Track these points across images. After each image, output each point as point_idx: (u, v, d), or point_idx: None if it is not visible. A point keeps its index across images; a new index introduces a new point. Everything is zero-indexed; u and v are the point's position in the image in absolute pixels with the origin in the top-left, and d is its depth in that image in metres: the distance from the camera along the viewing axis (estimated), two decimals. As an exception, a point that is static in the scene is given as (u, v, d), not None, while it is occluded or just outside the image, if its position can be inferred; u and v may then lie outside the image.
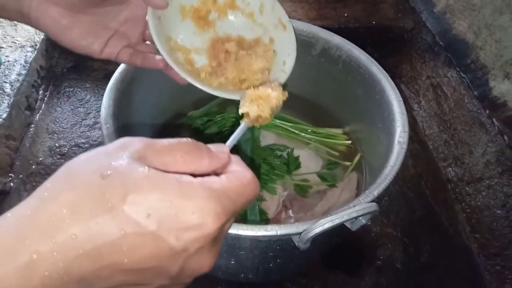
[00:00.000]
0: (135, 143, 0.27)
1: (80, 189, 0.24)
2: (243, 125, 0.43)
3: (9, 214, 0.24)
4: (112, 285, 0.26)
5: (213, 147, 0.30)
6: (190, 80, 0.49)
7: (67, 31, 0.46)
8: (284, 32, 0.58)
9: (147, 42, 0.54)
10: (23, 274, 0.23)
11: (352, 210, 0.43)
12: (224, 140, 0.39)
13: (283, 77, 0.55)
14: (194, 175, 0.27)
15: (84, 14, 0.47)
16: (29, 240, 0.23)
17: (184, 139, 0.28)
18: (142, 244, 0.24)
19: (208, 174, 0.29)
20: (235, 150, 0.65)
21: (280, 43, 0.58)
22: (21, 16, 0.45)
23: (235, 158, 0.31)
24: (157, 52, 0.49)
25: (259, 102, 0.45)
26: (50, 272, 0.23)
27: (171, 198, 0.25)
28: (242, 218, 0.61)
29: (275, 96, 0.46)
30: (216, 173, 0.29)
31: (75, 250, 0.23)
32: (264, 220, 0.62)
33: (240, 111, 0.45)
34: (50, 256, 0.23)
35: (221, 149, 0.31)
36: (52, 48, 0.93)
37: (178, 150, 0.28)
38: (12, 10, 0.45)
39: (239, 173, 0.29)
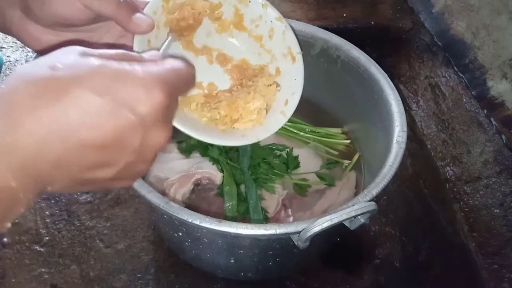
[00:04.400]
0: (75, 47, 0.30)
1: (35, 81, 0.27)
2: (170, 37, 0.44)
3: None
4: (83, 166, 0.29)
5: (145, 54, 0.34)
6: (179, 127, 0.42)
7: (50, 48, 0.42)
8: (292, 64, 0.52)
9: None
10: (4, 156, 0.26)
11: (351, 209, 0.44)
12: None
13: (281, 121, 0.50)
14: None
15: (69, 32, 0.43)
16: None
17: (116, 50, 0.32)
18: (104, 120, 0.28)
19: None
20: (235, 150, 0.66)
21: (286, 77, 0.53)
22: (5, 30, 0.44)
23: (168, 57, 0.35)
24: None
25: (181, 13, 0.45)
26: (25, 153, 0.26)
27: (123, 78, 0.29)
28: (245, 216, 0.61)
29: (195, 2, 0.45)
30: None
31: (43, 132, 0.26)
32: (264, 218, 0.62)
33: (167, 24, 0.44)
34: (22, 139, 0.26)
35: (153, 53, 0.35)
36: (52, 48, 0.94)
37: (115, 56, 0.31)
38: None
39: (171, 59, 0.34)
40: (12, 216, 0.27)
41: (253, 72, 0.53)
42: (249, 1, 0.51)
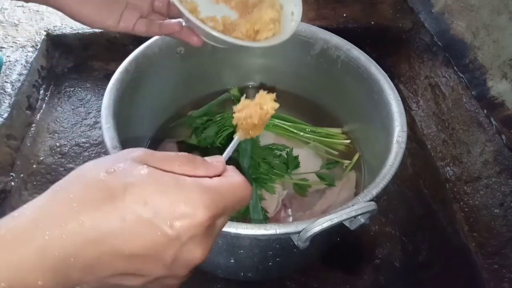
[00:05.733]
0: (137, 150, 0.31)
1: (87, 183, 0.28)
2: (236, 138, 0.44)
3: (25, 206, 0.27)
4: (112, 273, 0.28)
5: (209, 158, 0.33)
6: (209, 30, 0.48)
7: (81, 8, 0.49)
8: None
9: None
10: (39, 255, 0.26)
11: (351, 209, 0.44)
12: (222, 141, 0.39)
13: (294, 26, 0.55)
14: None
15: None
16: (42, 225, 0.26)
17: (181, 153, 0.32)
18: (140, 231, 0.27)
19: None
20: (235, 150, 0.66)
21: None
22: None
23: (230, 167, 0.34)
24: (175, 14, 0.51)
25: (249, 110, 0.45)
26: (60, 254, 0.26)
27: (167, 191, 0.28)
28: (245, 216, 0.62)
29: (265, 102, 0.46)
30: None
31: (81, 235, 0.26)
32: (264, 218, 0.62)
33: (234, 122, 0.45)
34: (60, 239, 0.26)
35: (216, 159, 0.34)
36: (52, 48, 0.94)
37: (176, 160, 0.31)
38: None
39: (230, 176, 0.33)
40: None
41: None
42: None
